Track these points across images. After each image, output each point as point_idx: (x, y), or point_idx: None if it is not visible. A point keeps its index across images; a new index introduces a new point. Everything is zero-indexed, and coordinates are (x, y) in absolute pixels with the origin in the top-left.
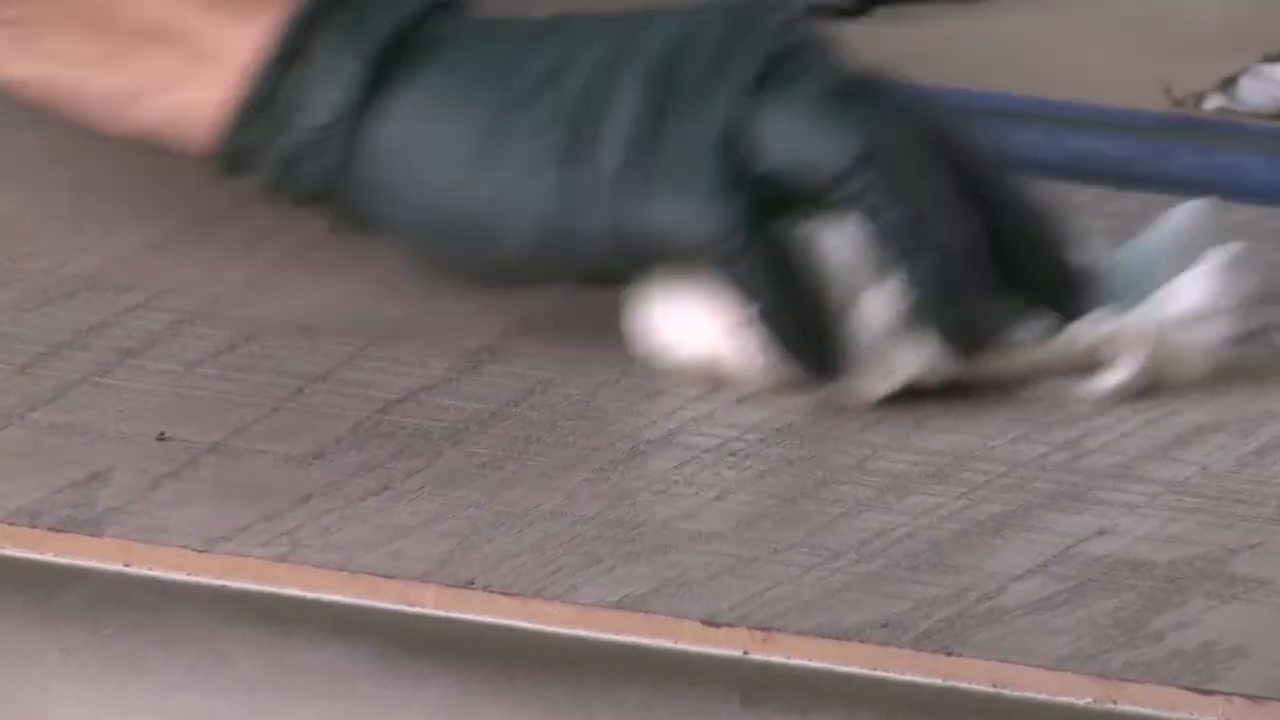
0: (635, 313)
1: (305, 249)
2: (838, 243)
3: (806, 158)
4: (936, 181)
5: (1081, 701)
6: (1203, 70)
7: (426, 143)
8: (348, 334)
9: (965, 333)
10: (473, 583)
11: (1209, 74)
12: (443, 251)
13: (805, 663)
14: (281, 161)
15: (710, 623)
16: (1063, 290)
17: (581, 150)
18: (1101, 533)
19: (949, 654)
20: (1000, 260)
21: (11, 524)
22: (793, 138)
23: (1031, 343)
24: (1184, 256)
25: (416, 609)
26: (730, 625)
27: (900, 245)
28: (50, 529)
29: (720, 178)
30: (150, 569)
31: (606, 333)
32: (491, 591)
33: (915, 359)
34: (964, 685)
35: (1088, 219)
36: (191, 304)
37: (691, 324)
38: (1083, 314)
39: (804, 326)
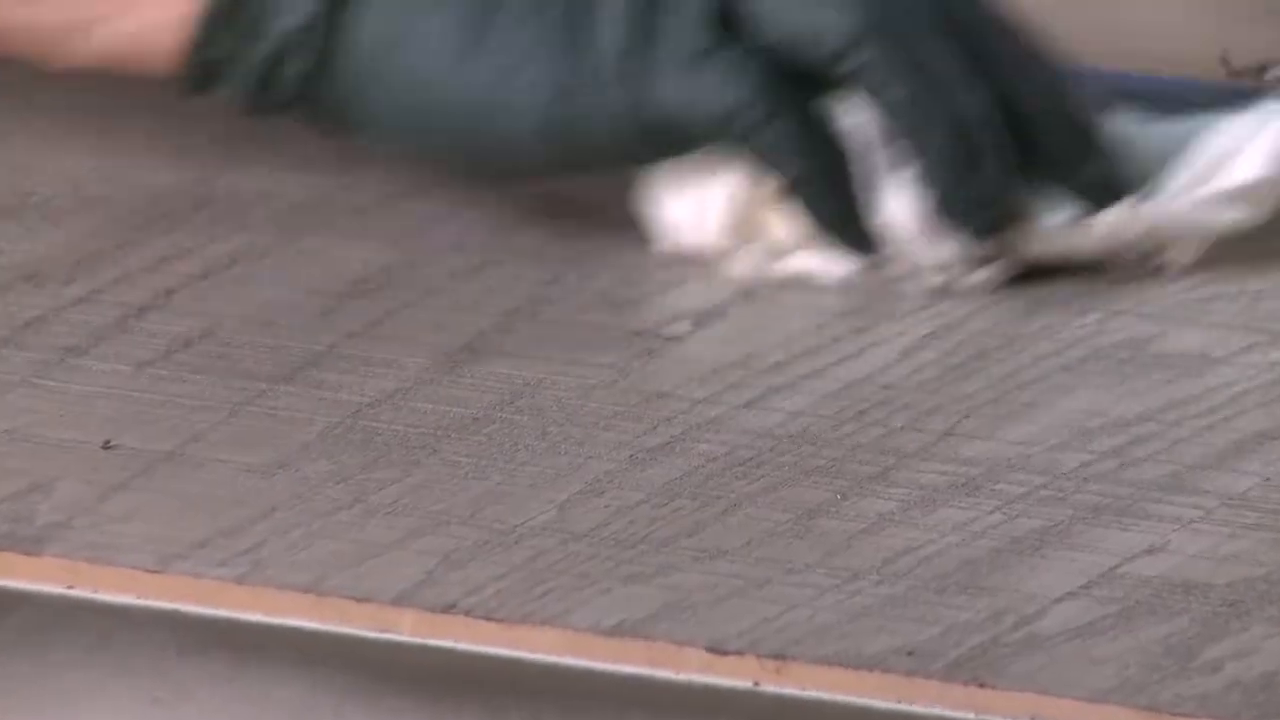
0: (648, 201)
1: (268, 236)
2: (852, 122)
3: (805, 30)
4: (943, 51)
5: None
6: (1265, 37)
7: (410, 35)
8: (315, 330)
9: (982, 208)
10: (454, 606)
11: (1272, 41)
12: (438, 145)
13: (822, 695)
14: (256, 69)
15: (717, 650)
16: (1086, 162)
17: (576, 34)
18: (1151, 551)
19: (982, 685)
20: (1018, 132)
21: None
22: (790, 9)
23: (1058, 227)
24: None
25: (392, 635)
26: (739, 653)
27: (908, 120)
28: None
29: (728, 49)
30: (97, 591)
31: (601, 328)
32: (475, 616)
33: (938, 247)
34: (999, 719)
35: None
36: (141, 296)
37: (707, 208)
38: (1108, 186)
39: (839, 195)
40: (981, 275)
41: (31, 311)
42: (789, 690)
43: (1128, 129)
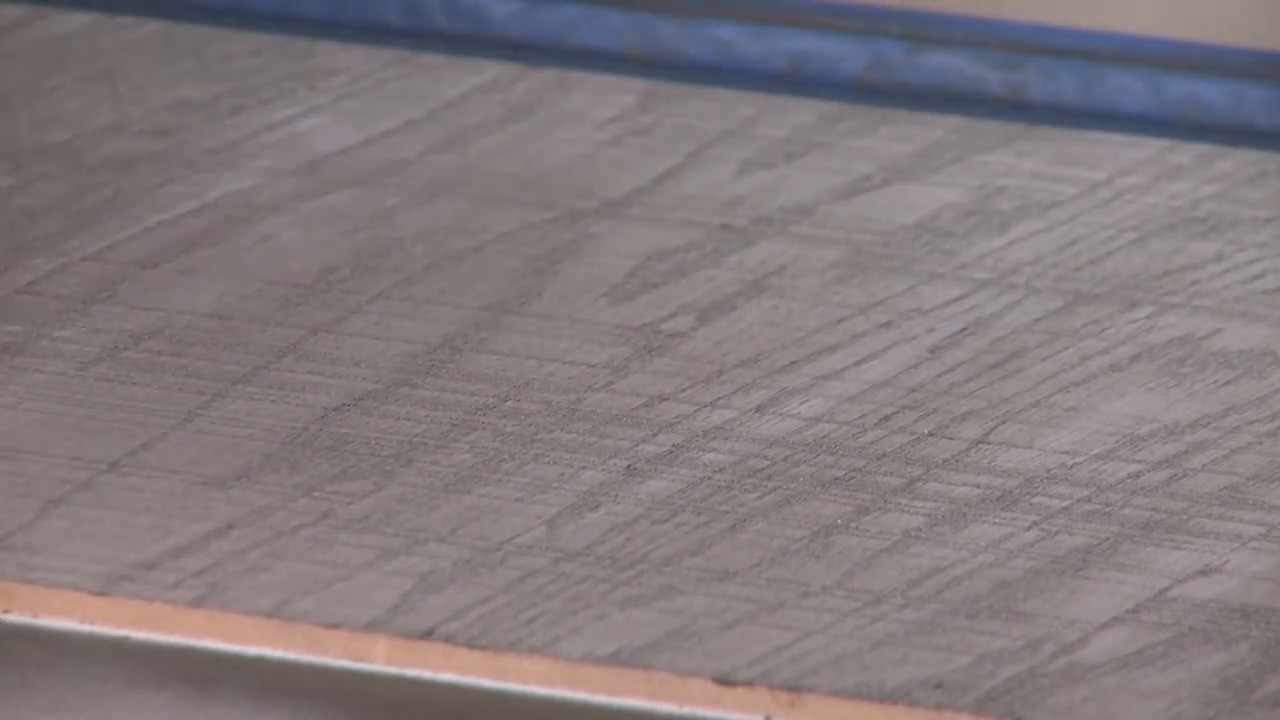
0: None
1: (223, 219)
2: None
3: None
4: None
5: None
6: None
7: None
8: (276, 326)
9: None
10: (432, 633)
11: None
12: None
13: None
14: None
15: (725, 681)
16: None
17: None
18: (1206, 571)
19: None
20: None
21: None
22: None
23: None
24: None
25: (364, 665)
26: (749, 684)
27: None
28: None
29: None
30: (35, 616)
31: (594, 323)
32: (455, 643)
33: None
34: None
35: (1189, 183)
36: (84, 288)
37: None
38: None
39: None
40: None
41: None
42: None
43: None
